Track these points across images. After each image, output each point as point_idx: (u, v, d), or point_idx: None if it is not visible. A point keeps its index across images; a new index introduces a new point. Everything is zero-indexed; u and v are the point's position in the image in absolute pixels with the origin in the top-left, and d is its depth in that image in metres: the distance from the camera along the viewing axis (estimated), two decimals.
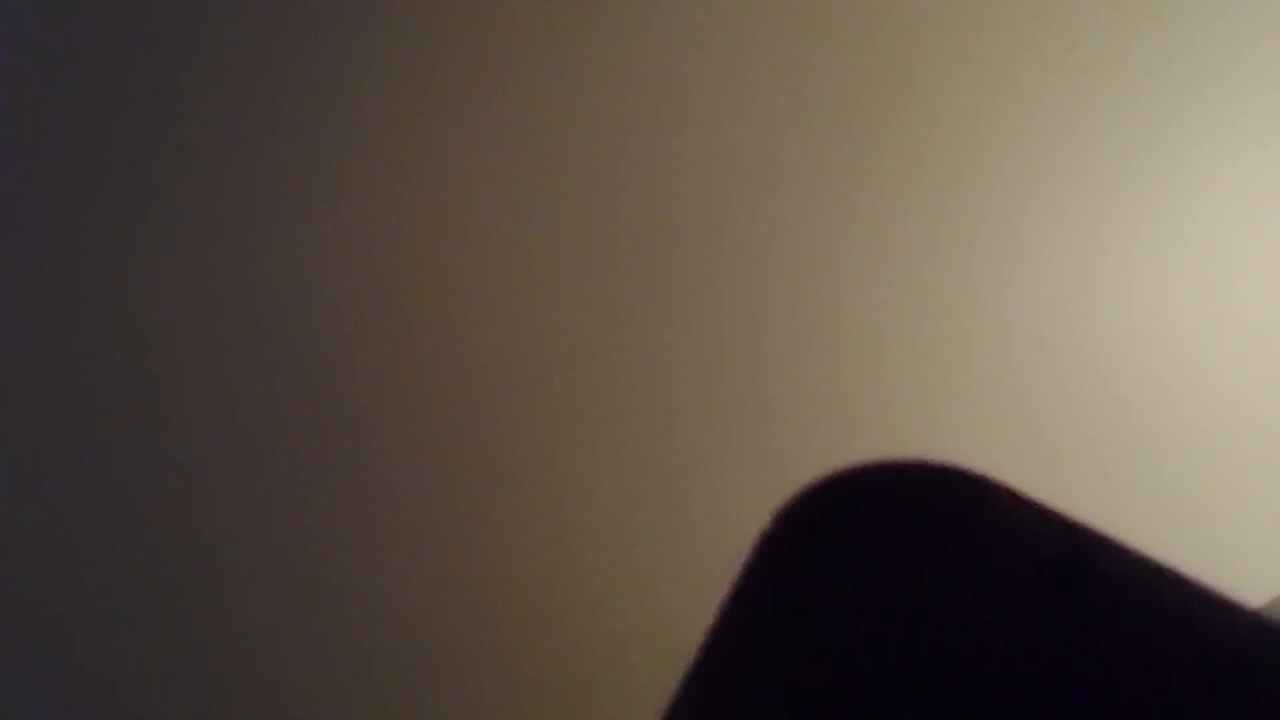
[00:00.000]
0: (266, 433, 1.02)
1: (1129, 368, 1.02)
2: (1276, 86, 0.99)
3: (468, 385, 1.01)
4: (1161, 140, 1.00)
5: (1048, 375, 1.02)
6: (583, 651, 1.03)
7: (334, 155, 1.00)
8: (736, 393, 1.02)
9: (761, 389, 1.02)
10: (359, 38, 0.99)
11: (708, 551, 1.03)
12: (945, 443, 1.01)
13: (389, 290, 1.01)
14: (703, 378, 1.02)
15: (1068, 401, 1.02)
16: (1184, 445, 1.03)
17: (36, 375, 1.01)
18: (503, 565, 1.02)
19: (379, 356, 1.02)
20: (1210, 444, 1.03)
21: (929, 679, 0.32)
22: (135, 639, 1.02)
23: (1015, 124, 0.99)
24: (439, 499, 1.02)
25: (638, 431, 1.02)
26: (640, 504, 1.02)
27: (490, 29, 0.99)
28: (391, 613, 1.03)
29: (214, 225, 1.00)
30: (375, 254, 1.01)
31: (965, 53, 0.98)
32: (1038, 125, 0.99)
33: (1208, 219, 1.00)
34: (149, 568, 1.02)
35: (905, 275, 1.00)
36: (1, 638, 1.02)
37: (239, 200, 1.00)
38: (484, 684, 1.03)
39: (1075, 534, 0.36)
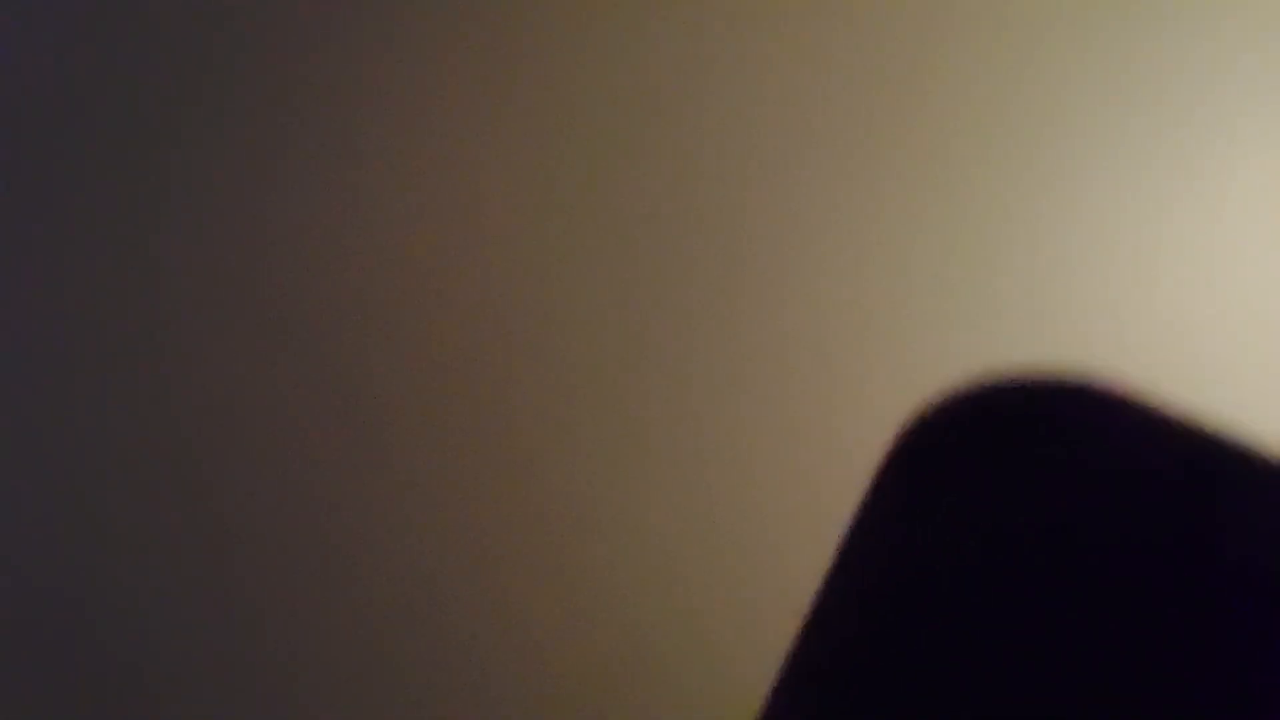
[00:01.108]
0: (282, 430, 1.01)
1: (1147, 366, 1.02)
2: None
3: (487, 380, 1.01)
4: (1183, 132, 1.00)
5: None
6: (607, 648, 1.03)
7: (348, 148, 1.00)
8: (758, 387, 1.02)
9: (780, 383, 1.02)
10: (372, 31, 0.99)
11: (734, 546, 1.03)
12: None
13: (404, 284, 1.01)
14: (725, 372, 1.02)
15: None
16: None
17: (53, 368, 1.00)
18: (526, 562, 1.02)
19: (396, 352, 1.01)
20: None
21: (1056, 595, 0.32)
22: (147, 639, 1.02)
23: (1036, 116, 1.00)
24: (458, 494, 1.02)
25: (661, 424, 1.02)
26: (665, 497, 1.02)
27: (506, 23, 0.99)
28: (409, 608, 1.03)
29: (227, 220, 1.00)
30: (390, 248, 1.01)
31: (987, 46, 0.99)
32: (1057, 118, 1.00)
33: (1230, 214, 1.01)
34: (162, 565, 1.02)
35: (920, 268, 1.00)
36: (12, 631, 1.02)
37: (252, 196, 1.00)
38: (505, 681, 1.03)
39: (1208, 444, 0.36)
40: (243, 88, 1.00)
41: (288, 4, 1.00)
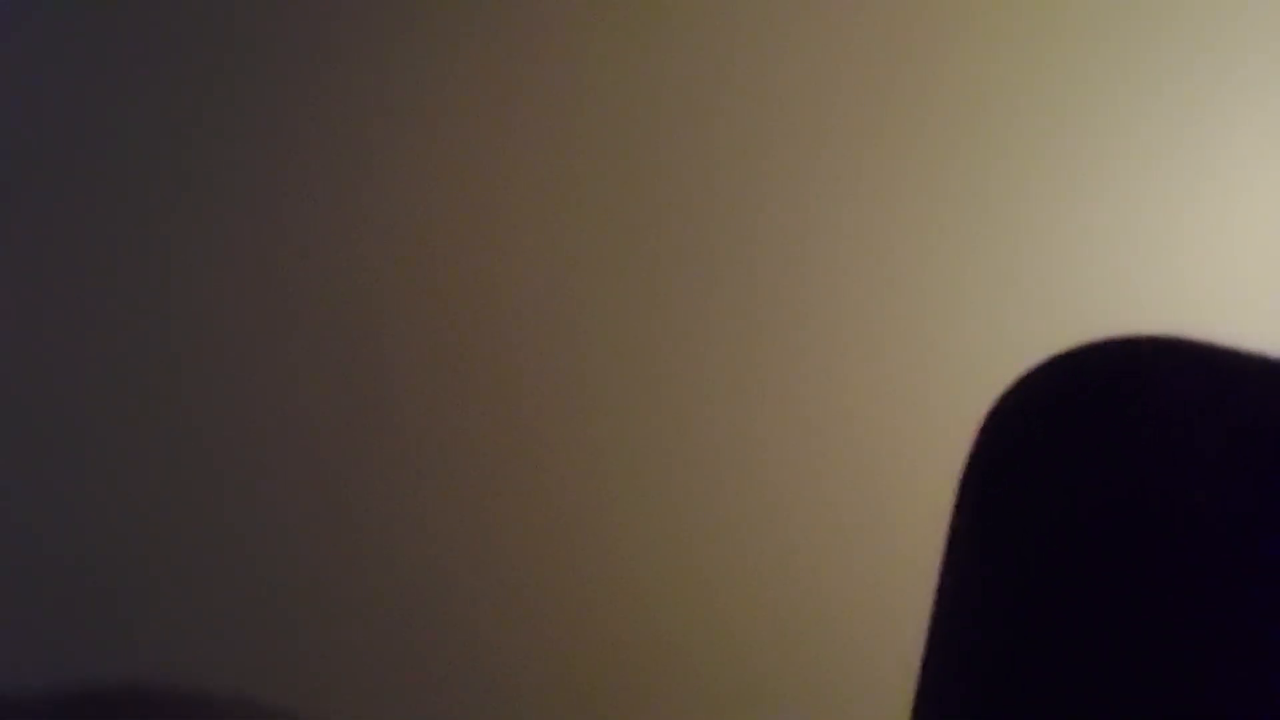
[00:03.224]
0: (297, 425, 1.01)
1: None
2: None
3: (502, 376, 1.01)
4: (1198, 129, 1.00)
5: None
6: (622, 643, 1.02)
7: (362, 145, 1.00)
8: (772, 383, 1.01)
9: (795, 378, 1.02)
10: (386, 29, 0.99)
11: (748, 541, 1.02)
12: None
13: (419, 281, 1.01)
14: (737, 373, 1.01)
15: None
16: None
17: (67, 364, 1.01)
18: (540, 557, 1.02)
19: (411, 349, 1.01)
20: None
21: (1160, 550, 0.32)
22: (162, 636, 1.03)
23: (1048, 113, 1.00)
24: (473, 489, 1.02)
25: (676, 420, 1.02)
26: (679, 493, 1.02)
27: (519, 22, 1.00)
28: (423, 602, 1.02)
29: (241, 218, 1.01)
30: (404, 246, 1.01)
31: (999, 45, 0.99)
32: (1071, 116, 1.00)
33: (1244, 210, 1.01)
34: (177, 559, 1.02)
35: (933, 266, 1.00)
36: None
37: (266, 193, 1.00)
38: (518, 674, 1.02)
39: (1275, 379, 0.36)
40: (256, 86, 1.00)
41: (301, 3, 1.00)
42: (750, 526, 1.02)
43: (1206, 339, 0.41)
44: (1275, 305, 1.00)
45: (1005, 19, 1.00)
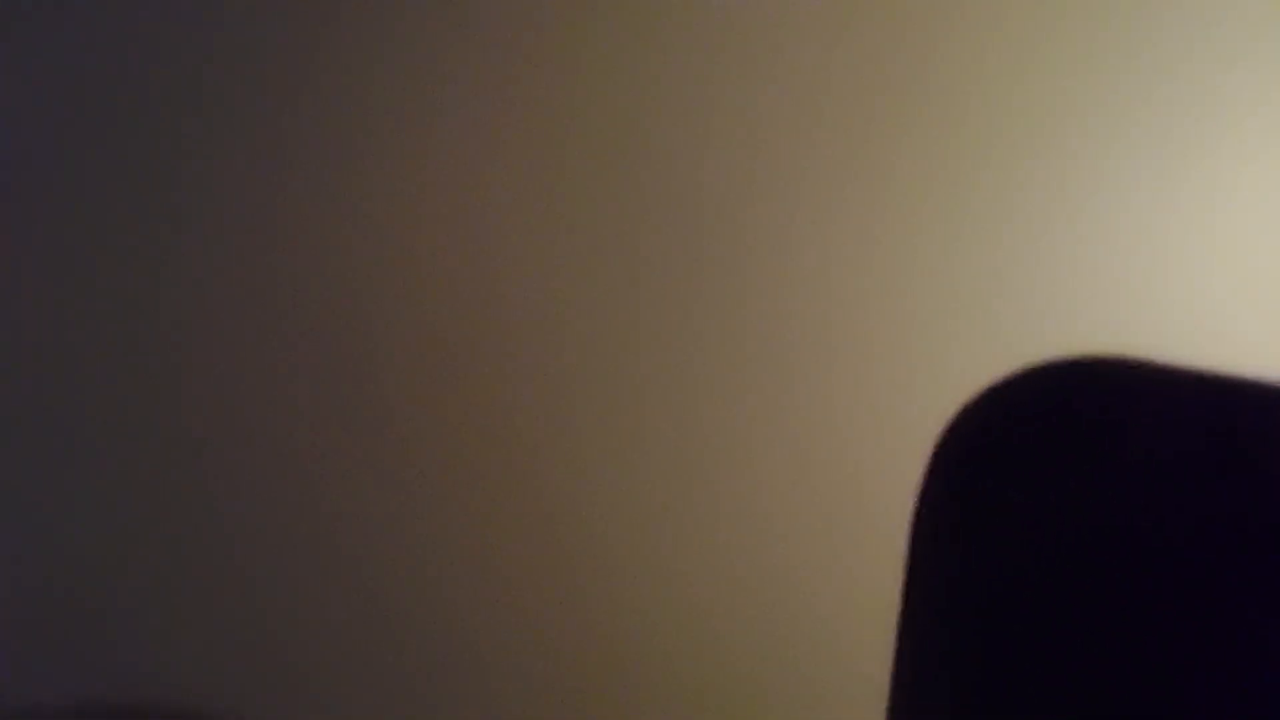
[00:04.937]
0: (286, 428, 1.02)
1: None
2: None
3: (492, 378, 1.02)
4: (1183, 135, 1.01)
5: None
6: (610, 647, 1.03)
7: (353, 147, 1.00)
8: (761, 386, 1.02)
9: (784, 382, 1.02)
10: (378, 30, 1.00)
11: (736, 545, 1.03)
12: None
13: (409, 283, 1.01)
14: (727, 372, 1.02)
15: None
16: None
17: (59, 367, 1.01)
18: (529, 563, 1.02)
19: (401, 351, 1.02)
20: None
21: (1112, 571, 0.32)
22: (151, 640, 1.03)
23: (1038, 119, 1.00)
24: (462, 492, 1.02)
25: (665, 423, 1.02)
26: (668, 497, 1.02)
27: (511, 22, 1.00)
28: (412, 605, 1.03)
29: (232, 220, 1.01)
30: (394, 248, 1.01)
31: (988, 51, 1.00)
32: (1060, 122, 1.00)
33: (1235, 206, 1.01)
34: (168, 561, 1.02)
35: (923, 267, 1.01)
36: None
37: (258, 195, 1.01)
38: (507, 677, 1.03)
39: (1228, 398, 0.36)
40: (248, 86, 1.01)
41: (294, 4, 1.00)
42: (734, 525, 1.02)
43: (1155, 358, 0.41)
44: (1264, 313, 1.01)
45: (995, 25, 1.01)
